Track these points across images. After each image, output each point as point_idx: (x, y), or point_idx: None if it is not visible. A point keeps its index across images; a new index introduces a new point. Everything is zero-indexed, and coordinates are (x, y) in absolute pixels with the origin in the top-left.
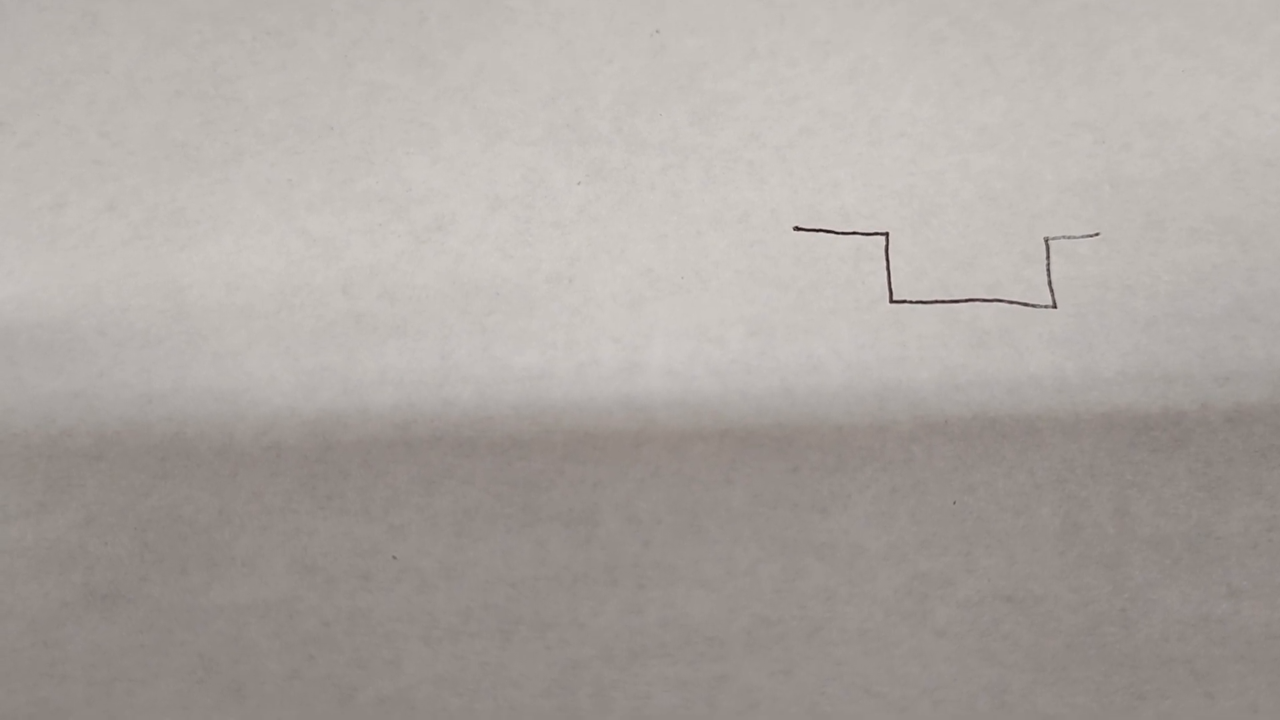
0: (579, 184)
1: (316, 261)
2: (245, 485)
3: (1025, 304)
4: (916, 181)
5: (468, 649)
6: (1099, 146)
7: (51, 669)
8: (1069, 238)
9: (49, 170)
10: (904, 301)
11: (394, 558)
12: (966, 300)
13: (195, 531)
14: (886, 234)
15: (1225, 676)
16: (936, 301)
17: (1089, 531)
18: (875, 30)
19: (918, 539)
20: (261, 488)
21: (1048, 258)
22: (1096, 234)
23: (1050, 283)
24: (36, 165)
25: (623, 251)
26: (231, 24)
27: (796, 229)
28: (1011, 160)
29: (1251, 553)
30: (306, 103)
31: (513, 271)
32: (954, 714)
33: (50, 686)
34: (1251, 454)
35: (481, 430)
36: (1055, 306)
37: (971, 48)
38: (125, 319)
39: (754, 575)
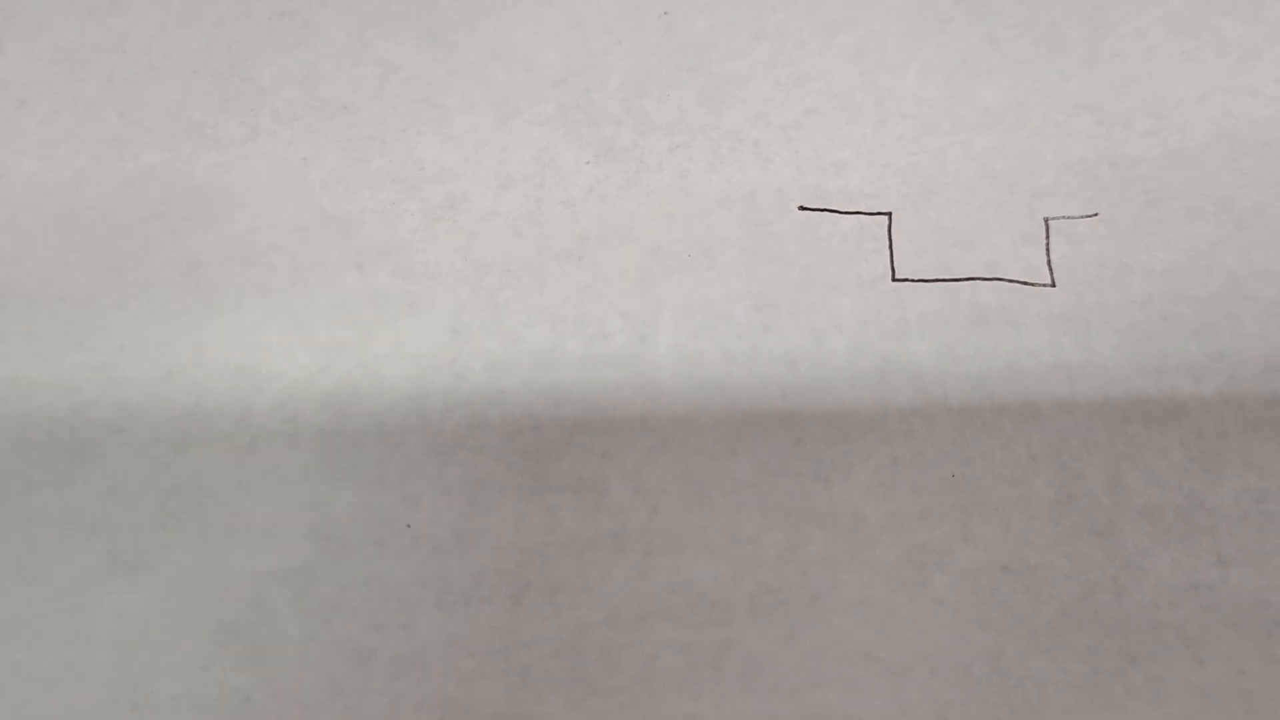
0: (588, 163)
1: (331, 239)
2: (263, 456)
3: (1024, 282)
4: (919, 161)
5: (479, 613)
6: (1099, 127)
7: (77, 633)
8: (1068, 218)
9: (69, 148)
10: (906, 280)
11: (408, 526)
12: (967, 279)
13: (215, 500)
14: (889, 214)
15: (1214, 641)
16: (937, 280)
17: (1083, 502)
18: (882, 10)
19: (917, 509)
20: (279, 459)
21: (1047, 237)
22: (1095, 214)
23: (1049, 262)
24: (57, 143)
25: (631, 230)
26: (248, 4)
27: (802, 208)
28: (1013, 140)
29: (1241, 523)
30: (321, 82)
31: (523, 249)
32: (951, 679)
33: (76, 649)
34: (1243, 428)
35: (493, 403)
36: (1054, 285)
37: (976, 27)
38: (144, 294)
39: (758, 543)
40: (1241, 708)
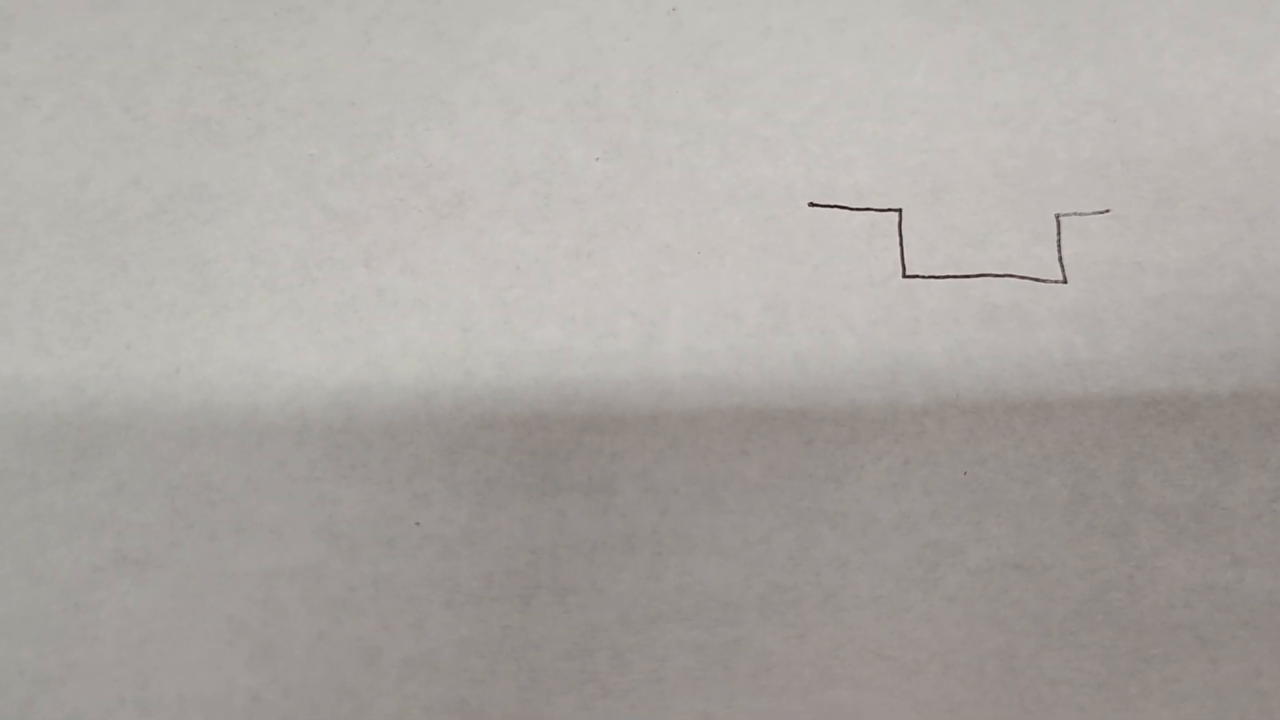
0: (597, 160)
1: (338, 235)
2: (271, 454)
3: (1036, 279)
4: (929, 158)
5: (489, 613)
6: (1110, 124)
7: (84, 631)
8: (1080, 214)
9: (74, 145)
10: (917, 276)
11: (417, 524)
12: (978, 275)
13: (224, 499)
14: (900, 210)
15: (1229, 642)
16: (949, 277)
17: (1097, 502)
18: (889, 7)
19: (929, 508)
20: (287, 456)
21: (1059, 234)
22: (1107, 211)
23: (1061, 259)
24: (61, 140)
25: (640, 227)
26: (253, 0)
27: (811, 205)
28: (1023, 138)
29: (1255, 523)
30: (327, 79)
31: (532, 246)
32: (963, 677)
33: (83, 649)
34: (1257, 428)
35: (502, 402)
36: (1066, 282)
37: (985, 25)
38: (151, 291)
39: (769, 543)
40: (1256, 708)
